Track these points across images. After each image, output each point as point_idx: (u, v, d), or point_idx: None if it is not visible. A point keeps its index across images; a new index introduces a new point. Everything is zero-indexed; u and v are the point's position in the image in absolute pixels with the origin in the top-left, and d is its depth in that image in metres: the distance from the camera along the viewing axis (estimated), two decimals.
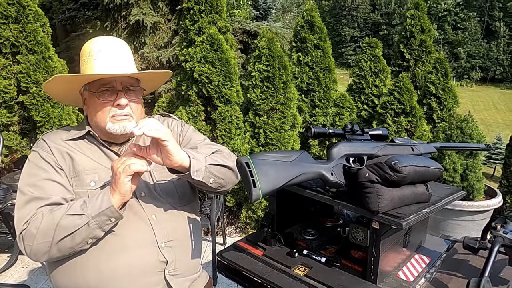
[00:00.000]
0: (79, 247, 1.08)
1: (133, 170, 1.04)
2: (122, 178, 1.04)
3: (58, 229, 1.04)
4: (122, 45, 1.25)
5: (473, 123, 3.36)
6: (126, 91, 1.19)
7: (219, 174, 1.18)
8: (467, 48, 41.10)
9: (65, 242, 1.05)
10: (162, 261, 1.17)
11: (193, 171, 1.09)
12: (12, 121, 3.33)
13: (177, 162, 1.08)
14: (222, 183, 1.20)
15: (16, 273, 2.89)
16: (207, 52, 3.28)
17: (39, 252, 1.07)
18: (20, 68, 3.17)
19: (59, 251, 1.07)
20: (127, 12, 5.70)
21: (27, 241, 1.07)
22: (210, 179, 1.15)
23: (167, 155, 1.06)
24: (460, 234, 3.13)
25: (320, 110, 3.80)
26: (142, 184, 1.21)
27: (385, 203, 0.98)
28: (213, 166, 1.16)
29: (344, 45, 45.16)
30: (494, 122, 26.57)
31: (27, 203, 1.10)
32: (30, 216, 1.08)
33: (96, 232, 1.07)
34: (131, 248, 1.14)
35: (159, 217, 1.20)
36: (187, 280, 1.25)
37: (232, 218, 3.78)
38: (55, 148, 1.19)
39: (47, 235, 1.04)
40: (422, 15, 4.24)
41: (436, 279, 1.11)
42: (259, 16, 9.30)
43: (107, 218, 1.06)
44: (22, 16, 3.14)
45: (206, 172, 1.13)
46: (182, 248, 1.23)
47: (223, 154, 1.25)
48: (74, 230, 1.04)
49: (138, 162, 1.05)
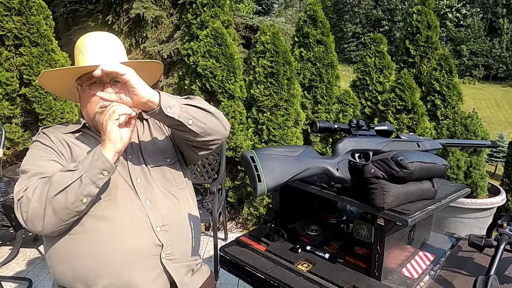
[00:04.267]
0: (74, 207, 1.05)
1: (118, 113, 1.05)
2: (109, 124, 1.05)
3: (51, 185, 1.04)
4: (111, 39, 1.28)
5: (478, 120, 3.33)
6: (114, 83, 1.19)
7: (198, 117, 1.15)
8: (469, 46, 40.91)
9: (59, 200, 1.03)
10: (158, 244, 1.17)
11: (165, 106, 1.07)
12: (14, 113, 3.32)
13: (144, 96, 1.05)
14: (206, 128, 1.17)
15: (18, 266, 2.89)
16: (211, 47, 3.26)
17: (35, 217, 1.05)
18: (22, 60, 3.16)
19: (54, 212, 1.04)
20: (128, 5, 5.66)
21: (23, 207, 1.06)
22: (188, 119, 1.12)
23: (132, 91, 1.04)
24: (463, 231, 3.12)
25: (322, 106, 3.78)
26: (138, 170, 1.23)
27: (390, 199, 0.97)
28: (189, 107, 1.13)
29: (346, 41, 45.01)
30: (496, 120, 26.49)
31: (29, 178, 1.11)
32: (30, 184, 1.08)
33: (90, 188, 1.05)
34: (126, 232, 1.14)
35: (153, 202, 1.21)
36: (184, 266, 1.24)
37: (233, 213, 3.78)
38: (55, 137, 1.23)
39: (42, 195, 1.04)
40: (428, 11, 4.18)
41: (441, 277, 1.11)
42: (261, 11, 9.26)
43: (99, 171, 1.05)
44: (25, 8, 3.13)
45: (183, 112, 1.10)
46: (177, 232, 1.23)
47: (200, 100, 1.22)
48: (67, 185, 1.03)
49: (121, 106, 1.06)
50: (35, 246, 3.14)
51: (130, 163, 1.24)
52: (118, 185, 1.18)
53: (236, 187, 3.60)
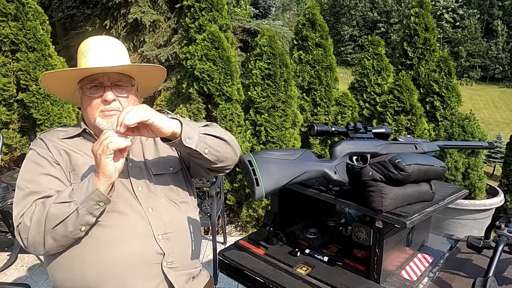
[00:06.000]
0: (73, 235, 1.07)
1: (112, 148, 1.02)
2: (103, 159, 1.03)
3: (48, 217, 1.04)
4: (113, 43, 1.27)
5: (475, 121, 3.34)
6: (115, 87, 1.19)
7: (214, 145, 1.16)
8: (467, 47, 41.06)
9: (58, 231, 1.04)
10: (159, 252, 1.16)
11: (185, 138, 1.08)
12: (11, 119, 3.31)
13: (169, 131, 1.07)
14: (220, 156, 1.18)
15: (16, 272, 2.88)
16: (208, 50, 3.27)
17: (35, 243, 1.07)
18: (19, 65, 3.15)
19: (55, 240, 1.06)
20: (126, 10, 5.66)
21: (23, 234, 1.07)
22: (205, 149, 1.13)
23: (157, 130, 1.06)
24: (462, 233, 3.12)
25: (321, 109, 3.79)
26: (139, 178, 1.22)
27: (388, 201, 0.97)
28: (207, 136, 1.15)
29: (343, 44, 45.12)
30: (493, 120, 26.56)
31: (24, 198, 1.11)
32: (26, 210, 1.08)
33: (87, 218, 1.06)
34: (128, 240, 1.13)
35: (155, 210, 1.20)
36: (185, 274, 1.23)
37: (233, 216, 3.77)
38: (52, 145, 1.21)
39: (40, 225, 1.05)
40: (426, 13, 4.20)
41: (440, 278, 1.11)
42: (258, 14, 9.29)
43: (94, 203, 1.05)
44: (21, 14, 3.12)
45: (200, 142, 1.12)
46: (179, 240, 1.23)
47: (216, 128, 1.23)
48: (64, 217, 1.04)
49: (115, 139, 1.03)
50: (34, 253, 3.12)
51: (132, 170, 1.22)
52: (119, 193, 1.17)
53: (234, 190, 3.60)
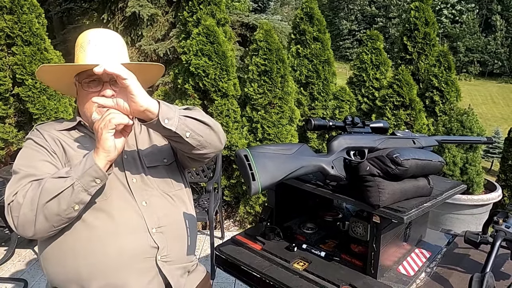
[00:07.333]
0: (66, 214, 1.04)
1: (114, 123, 1.01)
2: (104, 133, 1.01)
3: (42, 192, 1.02)
4: (113, 37, 1.24)
5: (474, 116, 3.34)
6: (113, 83, 1.17)
7: (196, 129, 1.12)
8: (465, 42, 40.99)
9: (51, 207, 1.02)
10: (153, 246, 1.16)
11: (163, 118, 1.03)
12: (7, 113, 3.29)
13: (143, 105, 1.01)
14: (202, 141, 1.15)
15: (13, 267, 2.87)
16: (203, 45, 3.23)
17: (26, 223, 1.04)
18: (15, 59, 3.12)
19: (46, 219, 1.03)
20: (124, 4, 5.63)
21: (14, 212, 1.04)
22: (186, 132, 1.09)
23: (131, 98, 1.00)
24: (459, 228, 3.13)
25: (319, 103, 3.77)
26: (134, 170, 1.21)
27: (386, 196, 0.96)
28: (188, 119, 1.11)
29: (341, 38, 44.98)
30: (492, 116, 26.59)
31: (19, 180, 1.09)
32: (20, 188, 1.06)
33: (82, 196, 1.03)
34: (121, 234, 1.12)
35: (149, 203, 1.18)
36: (180, 268, 1.23)
37: (230, 212, 3.77)
38: (48, 135, 1.20)
39: (33, 201, 1.02)
40: (426, 7, 4.16)
41: (437, 274, 1.10)
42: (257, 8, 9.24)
43: (91, 179, 1.03)
44: (17, 7, 3.09)
45: (181, 124, 1.08)
46: (173, 234, 1.22)
47: (199, 112, 1.19)
48: (58, 192, 1.01)
49: (118, 115, 1.02)
50: (31, 247, 3.12)
51: (126, 163, 1.22)
52: (113, 186, 1.16)
53: (232, 186, 3.59)
